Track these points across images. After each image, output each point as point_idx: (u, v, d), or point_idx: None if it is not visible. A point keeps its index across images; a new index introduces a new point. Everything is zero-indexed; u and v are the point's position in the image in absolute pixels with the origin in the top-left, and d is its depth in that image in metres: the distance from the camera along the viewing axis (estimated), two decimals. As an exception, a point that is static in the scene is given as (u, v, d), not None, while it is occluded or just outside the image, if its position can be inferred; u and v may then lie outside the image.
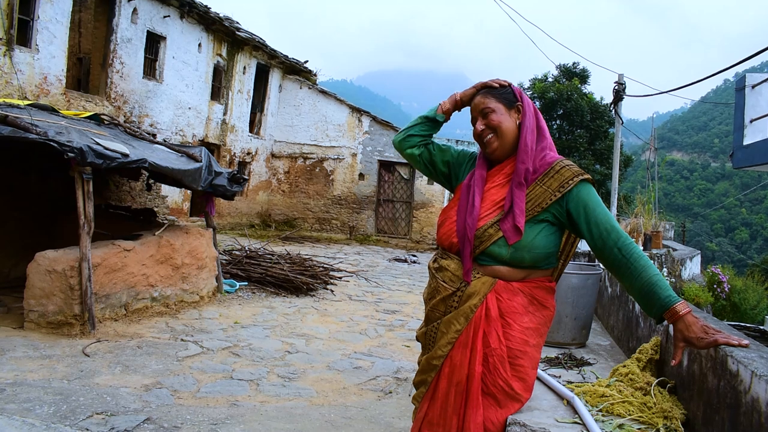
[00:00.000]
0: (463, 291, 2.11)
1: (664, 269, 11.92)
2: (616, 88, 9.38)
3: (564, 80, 36.70)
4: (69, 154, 5.61)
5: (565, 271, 2.84)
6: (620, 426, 2.25)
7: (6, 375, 4.70)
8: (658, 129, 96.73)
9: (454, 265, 2.15)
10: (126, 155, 6.14)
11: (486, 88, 2.24)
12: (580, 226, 2.08)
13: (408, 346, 6.76)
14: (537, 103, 37.79)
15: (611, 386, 2.53)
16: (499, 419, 2.05)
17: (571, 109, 35.72)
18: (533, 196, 2.10)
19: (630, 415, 2.32)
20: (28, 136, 5.76)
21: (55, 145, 5.63)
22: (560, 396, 2.51)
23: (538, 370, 2.96)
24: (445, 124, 2.43)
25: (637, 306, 3.29)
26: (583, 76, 36.40)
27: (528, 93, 38.17)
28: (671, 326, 2.03)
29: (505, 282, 2.10)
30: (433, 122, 2.39)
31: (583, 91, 35.54)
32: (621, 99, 9.49)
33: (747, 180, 64.91)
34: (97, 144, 6.01)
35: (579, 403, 2.34)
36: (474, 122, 2.24)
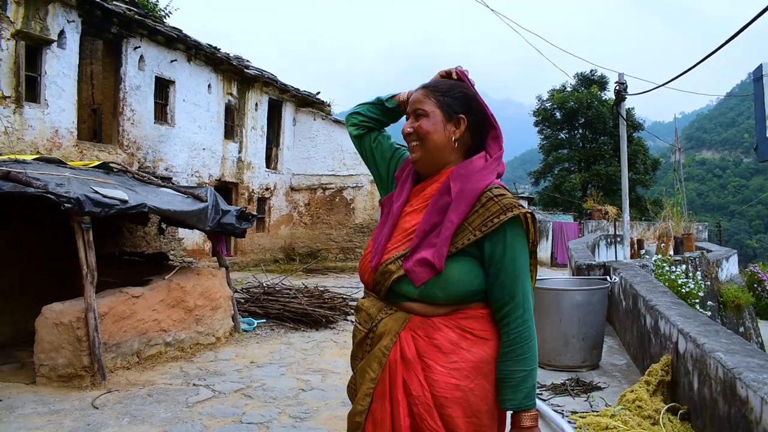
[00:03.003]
0: (374, 332, 1.79)
1: (698, 272, 11.46)
2: (617, 88, 9.12)
3: (582, 89, 36.33)
4: (66, 204, 5.57)
5: (567, 287, 2.58)
6: (625, 463, 2.00)
7: (11, 435, 4.59)
8: (685, 129, 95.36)
9: (368, 303, 1.85)
10: (125, 201, 6.08)
11: (431, 83, 1.90)
12: (488, 277, 1.72)
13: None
14: (557, 113, 37.43)
15: (616, 416, 2.28)
16: None
17: (593, 117, 35.31)
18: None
19: (637, 448, 2.07)
20: (28, 190, 5.74)
21: (53, 197, 5.60)
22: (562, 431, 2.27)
23: (537, 401, 2.71)
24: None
25: (648, 321, 3.02)
26: (602, 83, 36.02)
27: (547, 104, 37.86)
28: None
29: (421, 317, 1.73)
30: (382, 107, 2.07)
31: (603, 97, 35.08)
32: (623, 99, 9.22)
33: (782, 173, 63.21)
34: (96, 192, 5.96)
35: (578, 440, 2.10)
36: (407, 118, 1.91)
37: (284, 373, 6.58)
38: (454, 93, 1.85)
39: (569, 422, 2.24)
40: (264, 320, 9.09)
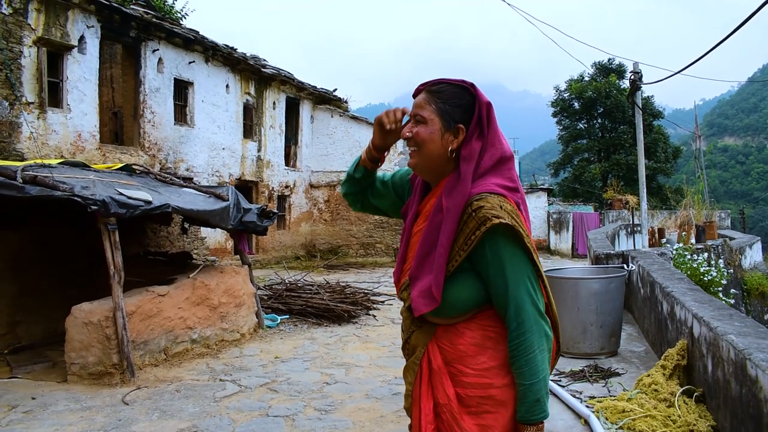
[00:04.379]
0: (409, 342, 1.87)
1: (721, 260, 11.36)
2: (632, 77, 9.06)
3: (600, 78, 35.99)
4: (92, 207, 5.72)
5: (584, 276, 2.62)
6: (641, 444, 2.05)
7: (47, 430, 4.76)
8: (706, 116, 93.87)
9: (405, 314, 1.89)
10: (149, 202, 6.22)
11: (435, 87, 1.83)
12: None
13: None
14: (575, 104, 37.13)
15: (633, 399, 2.33)
16: None
17: (611, 106, 34.98)
18: None
19: (653, 430, 2.12)
20: (54, 193, 5.90)
21: (79, 199, 5.75)
22: (578, 414, 2.32)
23: (555, 386, 2.77)
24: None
25: (665, 307, 3.05)
26: (620, 72, 35.62)
27: (565, 95, 37.56)
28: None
29: (445, 326, 1.77)
30: (354, 179, 2.06)
31: (621, 86, 34.70)
32: (638, 89, 9.15)
33: (807, 157, 62.02)
34: (120, 194, 6.11)
35: (595, 422, 2.16)
36: (409, 121, 1.87)
37: (308, 368, 6.69)
38: (457, 101, 1.79)
39: (587, 407, 2.30)
40: (287, 316, 9.21)
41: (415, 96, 1.87)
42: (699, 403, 2.24)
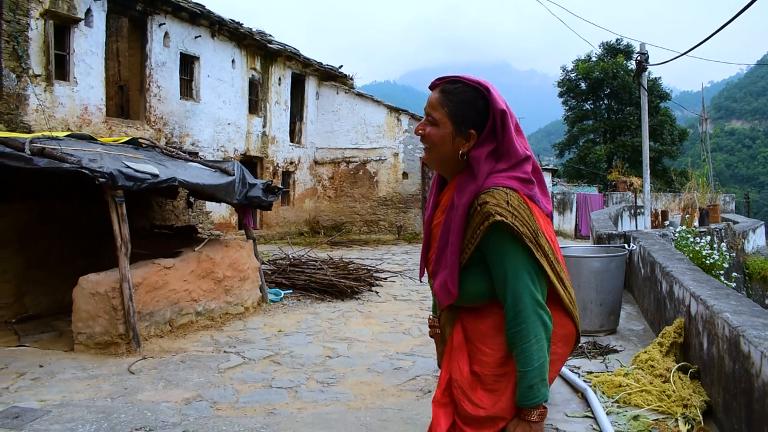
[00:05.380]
0: (440, 321, 2.01)
1: (724, 244, 11.39)
2: (638, 58, 9.02)
3: (608, 58, 35.71)
4: (100, 179, 5.78)
5: (585, 255, 2.67)
6: (635, 418, 2.12)
7: (54, 397, 4.86)
8: (714, 98, 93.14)
9: (435, 297, 2.01)
10: (156, 175, 6.27)
11: (450, 87, 1.83)
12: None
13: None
14: (582, 84, 36.87)
15: (629, 375, 2.39)
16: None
17: (618, 87, 34.76)
18: None
19: (648, 405, 2.18)
20: (63, 165, 5.95)
21: (87, 171, 5.81)
22: (575, 388, 2.39)
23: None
24: None
25: (664, 286, 3.11)
26: (628, 52, 35.28)
27: (572, 75, 37.29)
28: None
29: (468, 308, 1.88)
30: None
31: (629, 67, 34.42)
32: (644, 69, 9.12)
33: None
34: (128, 167, 6.16)
35: (592, 396, 2.22)
36: (424, 114, 1.88)
37: (311, 342, 6.79)
38: (470, 105, 1.80)
39: (585, 381, 2.37)
40: (290, 291, 9.30)
41: (431, 89, 1.88)
42: (694, 380, 2.30)
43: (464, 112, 1.79)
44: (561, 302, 1.82)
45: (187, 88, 14.36)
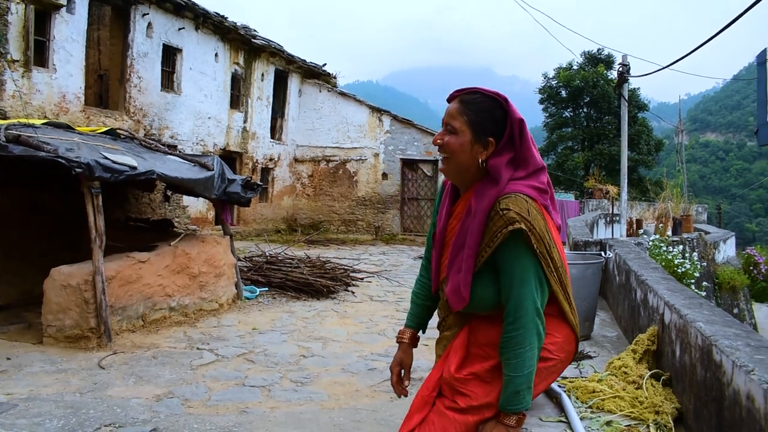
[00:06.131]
0: (446, 321, 2.05)
1: (695, 253, 11.60)
2: (620, 69, 9.17)
3: (589, 67, 36.10)
4: (77, 169, 5.69)
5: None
6: (608, 423, 2.14)
7: (21, 390, 4.76)
8: (690, 111, 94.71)
9: (444, 299, 2.06)
10: (134, 168, 6.20)
11: (468, 97, 1.89)
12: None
13: (427, 345, 6.63)
14: (563, 92, 37.22)
15: (603, 381, 2.42)
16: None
17: (598, 96, 35.14)
18: None
19: (621, 410, 2.21)
20: (39, 154, 5.85)
21: (64, 161, 5.71)
22: (550, 393, 2.40)
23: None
24: None
25: (639, 294, 3.15)
26: (609, 62, 35.71)
27: (553, 82, 37.63)
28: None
29: (478, 316, 1.95)
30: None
31: (609, 76, 34.84)
32: (626, 81, 9.27)
33: (786, 157, 63.05)
34: (105, 158, 6.07)
35: (566, 401, 2.24)
36: (442, 125, 1.95)
37: (286, 340, 6.75)
38: (489, 114, 1.85)
39: (559, 386, 2.39)
40: (266, 289, 9.24)
41: (449, 101, 1.93)
42: (666, 387, 2.33)
43: (483, 120, 1.84)
44: (566, 317, 1.94)
45: (168, 80, 14.21)
